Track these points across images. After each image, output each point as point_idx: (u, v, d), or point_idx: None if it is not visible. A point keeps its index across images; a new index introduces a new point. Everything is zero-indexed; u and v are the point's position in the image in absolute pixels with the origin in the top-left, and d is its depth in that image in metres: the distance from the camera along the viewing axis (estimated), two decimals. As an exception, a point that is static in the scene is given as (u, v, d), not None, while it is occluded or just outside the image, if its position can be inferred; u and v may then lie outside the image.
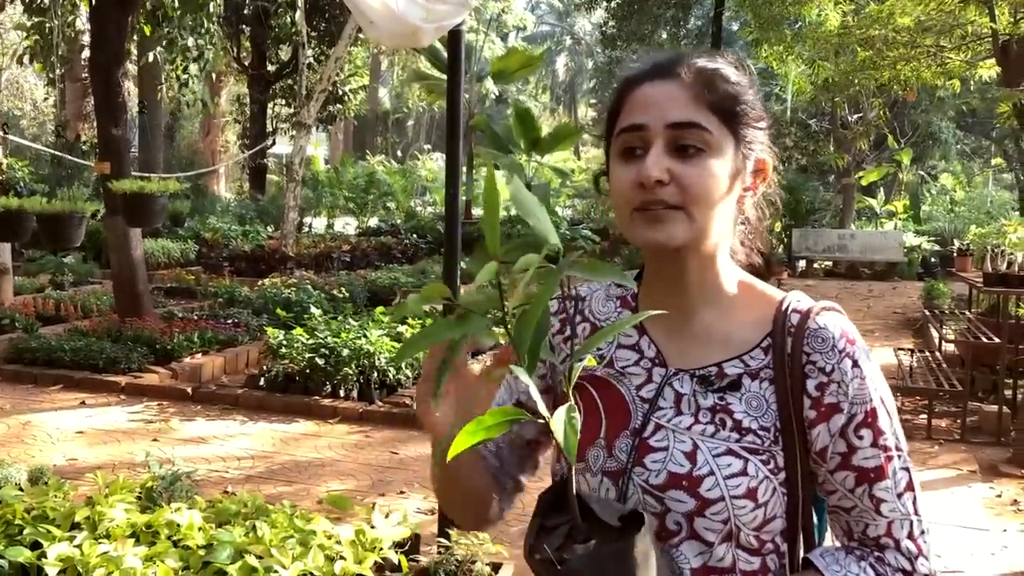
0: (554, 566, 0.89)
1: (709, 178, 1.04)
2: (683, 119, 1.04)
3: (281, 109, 20.93)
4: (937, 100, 18.00)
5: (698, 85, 1.06)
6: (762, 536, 1.06)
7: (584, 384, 1.15)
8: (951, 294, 10.55)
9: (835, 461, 1.07)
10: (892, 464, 1.06)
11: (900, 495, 1.07)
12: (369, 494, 4.72)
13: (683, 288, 1.12)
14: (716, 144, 1.05)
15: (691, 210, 1.04)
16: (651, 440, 1.08)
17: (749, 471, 1.04)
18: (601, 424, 1.12)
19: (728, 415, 1.06)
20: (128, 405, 6.43)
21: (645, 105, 1.06)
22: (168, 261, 13.17)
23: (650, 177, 1.03)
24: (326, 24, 18.36)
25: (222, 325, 8.18)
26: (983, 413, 6.24)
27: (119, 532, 3.27)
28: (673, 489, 1.04)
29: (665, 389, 1.10)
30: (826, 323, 1.07)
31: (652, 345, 1.14)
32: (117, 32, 7.80)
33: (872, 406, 1.06)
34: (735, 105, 1.07)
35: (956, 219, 18.78)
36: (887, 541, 1.07)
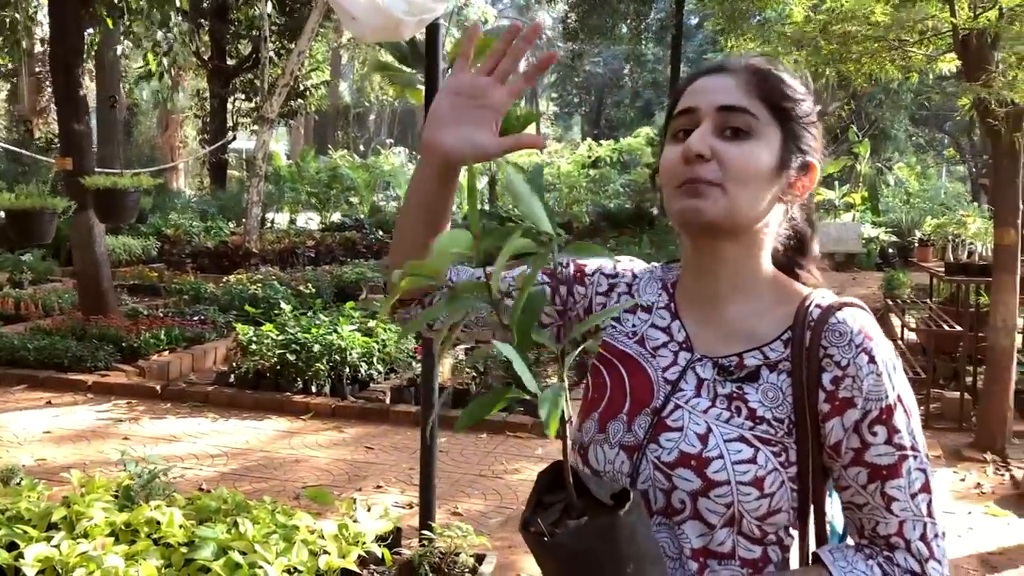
0: (543, 538, 0.92)
1: (749, 159, 1.07)
2: (732, 103, 1.09)
3: (241, 104, 20.70)
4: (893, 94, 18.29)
5: (751, 78, 1.10)
6: (765, 527, 1.07)
7: (614, 361, 1.19)
8: (911, 284, 10.75)
9: (848, 456, 1.07)
10: (907, 464, 1.06)
11: (914, 495, 1.05)
12: (346, 489, 4.71)
13: (717, 277, 1.15)
14: (762, 131, 1.09)
15: (727, 186, 1.07)
16: (668, 419, 1.11)
17: (759, 460, 1.05)
18: (626, 400, 1.15)
19: (743, 403, 1.09)
20: (96, 404, 6.35)
21: (699, 92, 1.12)
22: (130, 258, 12.98)
23: (692, 150, 1.07)
24: (287, 18, 18.21)
25: (189, 322, 8.09)
26: (945, 400, 6.38)
27: (98, 531, 3.24)
28: (681, 467, 1.07)
29: (688, 373, 1.13)
30: (845, 318, 1.09)
31: (682, 330, 1.17)
32: (76, 26, 7.67)
33: (888, 403, 1.06)
34: (784, 100, 1.11)
35: (912, 211, 19.10)
36: (897, 541, 1.06)
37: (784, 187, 1.12)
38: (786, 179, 1.12)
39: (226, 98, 19.49)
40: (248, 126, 19.76)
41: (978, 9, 5.23)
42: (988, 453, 5.48)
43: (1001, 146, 5.37)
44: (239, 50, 20.11)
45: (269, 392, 6.43)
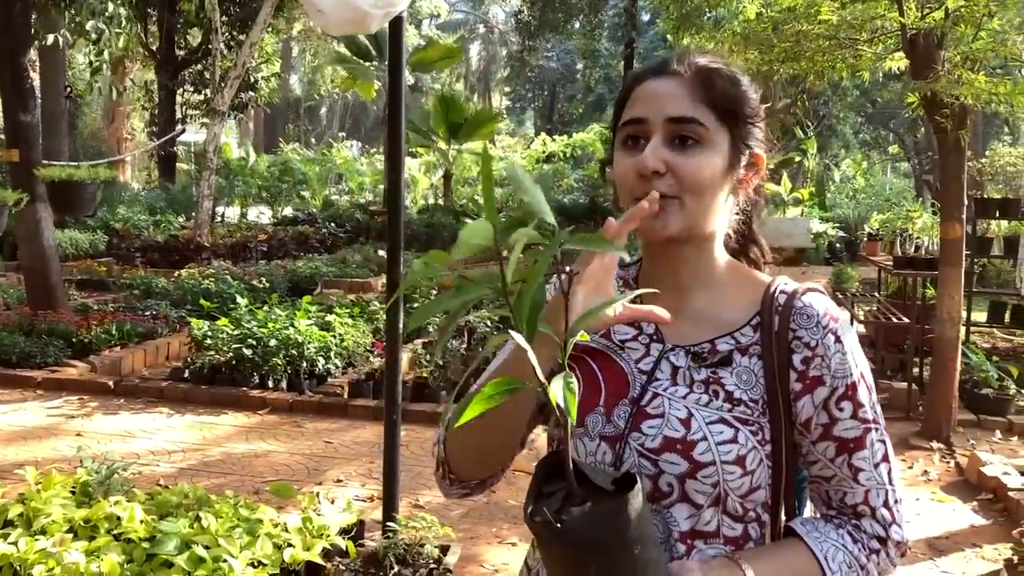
0: (553, 526, 0.94)
1: (703, 170, 1.11)
2: (681, 114, 1.11)
3: (191, 96, 20.37)
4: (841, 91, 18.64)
5: (697, 82, 1.13)
6: (746, 504, 1.12)
7: (582, 356, 1.21)
8: (859, 278, 10.99)
9: (818, 432, 1.14)
10: (870, 435, 1.14)
11: (877, 465, 1.14)
12: (306, 483, 4.70)
13: (678, 272, 1.19)
14: (711, 138, 1.12)
15: (685, 199, 1.11)
16: (648, 407, 1.14)
17: (739, 439, 1.10)
18: (600, 393, 1.18)
19: (720, 387, 1.13)
20: (46, 400, 6.23)
21: (647, 100, 1.14)
22: (77, 252, 12.71)
23: (647, 168, 1.10)
24: (238, 9, 17.95)
25: (140, 317, 7.96)
26: (893, 390, 6.54)
27: (56, 528, 3.20)
28: (668, 452, 1.11)
29: (662, 362, 1.17)
30: (811, 302, 1.15)
31: (651, 323, 1.21)
32: (23, 15, 7.51)
33: (853, 380, 1.13)
34: (731, 103, 1.14)
35: (859, 206, 19.51)
36: (864, 509, 1.14)
37: (734, 184, 1.17)
38: (735, 176, 1.17)
39: (175, 90, 19.15)
40: (198, 119, 19.45)
41: (925, 9, 5.37)
42: (934, 442, 5.63)
43: (947, 143, 5.52)
44: (188, 41, 19.77)
45: (225, 387, 6.37)
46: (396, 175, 3.39)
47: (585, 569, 0.95)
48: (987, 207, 8.00)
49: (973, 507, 4.68)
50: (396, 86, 3.41)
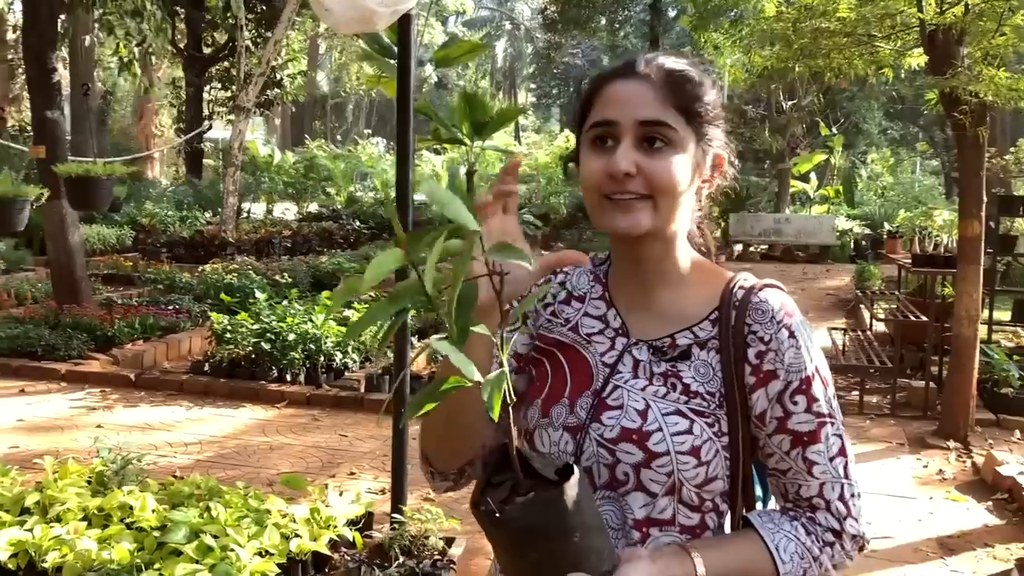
0: (494, 515, 0.98)
1: (673, 171, 1.13)
2: (651, 117, 1.13)
3: (218, 93, 20.57)
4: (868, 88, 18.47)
5: (665, 86, 1.14)
6: (703, 494, 1.15)
7: (552, 350, 1.26)
8: (882, 276, 10.91)
9: (773, 425, 1.16)
10: (825, 430, 1.15)
11: (832, 459, 1.16)
12: (320, 476, 4.76)
13: (644, 268, 1.22)
14: (680, 141, 1.14)
15: (657, 200, 1.14)
16: (609, 399, 1.18)
17: (694, 431, 1.13)
18: (566, 385, 1.22)
19: (678, 379, 1.16)
20: (69, 392, 6.34)
21: (616, 102, 1.15)
22: (104, 247, 12.91)
23: (619, 170, 1.12)
24: (264, 7, 18.09)
25: (163, 311, 8.08)
26: (911, 389, 6.50)
27: (71, 516, 3.28)
28: (624, 442, 1.14)
29: (625, 356, 1.21)
30: (767, 297, 1.17)
31: (618, 317, 1.24)
32: (50, 13, 7.63)
33: (807, 375, 1.15)
34: (697, 105, 1.16)
35: (886, 204, 19.33)
36: (819, 502, 1.16)
37: (700, 183, 1.20)
38: (700, 176, 1.19)
39: (202, 87, 19.35)
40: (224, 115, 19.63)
41: (945, 5, 5.32)
42: (951, 441, 5.59)
43: (966, 139, 5.47)
44: (215, 39, 19.96)
45: (244, 381, 6.45)
46: (404, 172, 3.43)
47: (525, 556, 0.98)
48: (1011, 204, 7.91)
49: (987, 507, 4.65)
50: (405, 83, 3.44)
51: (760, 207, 18.69)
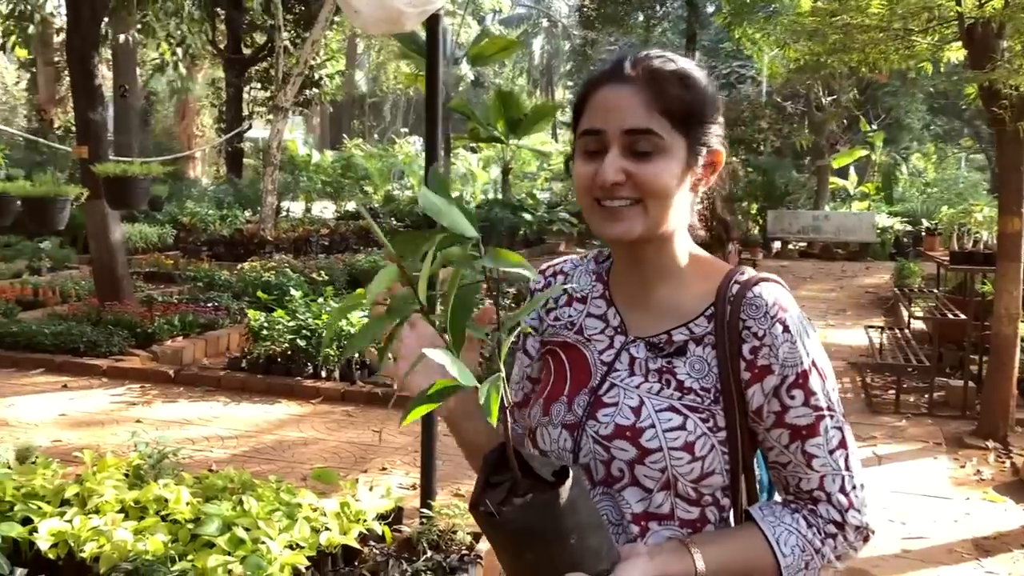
0: (493, 516, 1.00)
1: (662, 177, 1.14)
2: (637, 126, 1.13)
3: (257, 93, 20.83)
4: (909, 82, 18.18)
5: (651, 89, 1.14)
6: (701, 488, 1.15)
7: (557, 350, 1.28)
8: (922, 273, 10.75)
9: (770, 420, 1.16)
10: (824, 423, 1.15)
11: (832, 451, 1.16)
12: (352, 471, 4.81)
13: (642, 267, 1.23)
14: (668, 146, 1.14)
15: (647, 204, 1.15)
16: (604, 397, 1.20)
17: (688, 427, 1.14)
18: (566, 384, 1.24)
19: (672, 376, 1.18)
20: (110, 388, 6.48)
21: (604, 110, 1.16)
22: (146, 246, 13.15)
23: (607, 181, 1.13)
24: (302, 7, 18.27)
25: (202, 308, 8.22)
26: (950, 388, 6.41)
27: (108, 508, 3.35)
28: (618, 439, 1.15)
29: (622, 354, 1.22)
30: (762, 292, 1.17)
31: (617, 315, 1.26)
32: (92, 16, 7.78)
33: (803, 369, 1.15)
34: (685, 107, 1.15)
35: (928, 200, 19.02)
36: (819, 494, 1.16)
37: (694, 181, 1.20)
38: (694, 176, 1.19)
39: (242, 87, 19.61)
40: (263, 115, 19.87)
41: (983, -2, 5.24)
42: (990, 441, 5.50)
43: (1006, 134, 5.37)
44: (255, 39, 20.21)
45: (280, 377, 6.54)
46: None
47: (522, 557, 1.00)
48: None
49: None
50: (433, 83, 3.47)
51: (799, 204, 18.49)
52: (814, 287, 12.85)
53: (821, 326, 9.63)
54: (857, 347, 8.18)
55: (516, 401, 1.36)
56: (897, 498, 4.65)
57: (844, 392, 6.82)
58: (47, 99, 16.46)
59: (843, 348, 8.33)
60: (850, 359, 7.75)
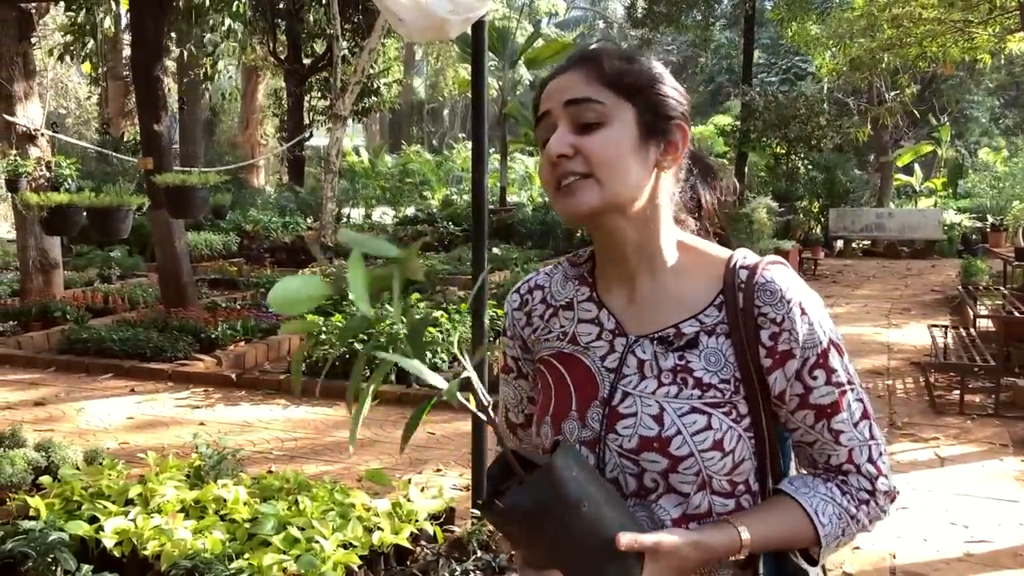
0: (501, 509, 1.00)
1: (610, 145, 1.13)
2: (577, 96, 1.14)
3: (317, 102, 21.18)
4: (975, 75, 17.72)
5: (590, 66, 1.16)
6: (734, 479, 1.15)
7: (552, 361, 1.26)
8: (989, 271, 10.46)
9: (794, 402, 1.16)
10: (846, 397, 1.16)
11: (856, 424, 1.16)
12: (407, 471, 4.88)
13: (625, 258, 1.20)
14: (612, 115, 1.14)
15: (598, 175, 1.13)
16: (620, 407, 1.17)
17: (713, 425, 1.13)
18: (571, 397, 1.21)
19: (689, 374, 1.15)
20: (175, 392, 6.67)
21: (550, 94, 1.18)
22: (211, 253, 13.47)
23: (554, 153, 1.13)
24: (360, 17, 18.53)
25: (264, 314, 8.39)
26: (1017, 388, 6.23)
27: (170, 507, 3.46)
28: (646, 451, 1.13)
29: (628, 357, 1.19)
30: (773, 276, 1.16)
31: (611, 317, 1.22)
32: (155, 30, 8.02)
33: (823, 348, 1.15)
34: (626, 76, 1.15)
35: (999, 195, 18.49)
36: (849, 467, 1.17)
37: (657, 156, 1.17)
38: (655, 148, 1.17)
39: (302, 96, 19.95)
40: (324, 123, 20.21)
41: (1045, -14, 5.11)
42: (1059, 442, 5.35)
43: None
44: (314, 49, 20.56)
45: (338, 380, 6.65)
46: (480, 174, 3.50)
47: (542, 539, 1.00)
48: None
49: (1094, 511, 4.43)
50: (479, 88, 3.51)
51: (862, 202, 18.15)
52: (877, 286, 12.59)
53: (884, 325, 9.44)
54: (921, 347, 7.99)
55: (519, 423, 1.36)
56: (960, 501, 4.54)
57: (907, 392, 6.68)
58: (116, 112, 16.98)
59: (907, 347, 8.16)
60: (913, 358, 7.58)
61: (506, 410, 1.38)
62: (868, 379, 6.99)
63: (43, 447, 4.38)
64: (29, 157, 8.01)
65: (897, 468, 5.00)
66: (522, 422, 1.36)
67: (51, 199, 6.48)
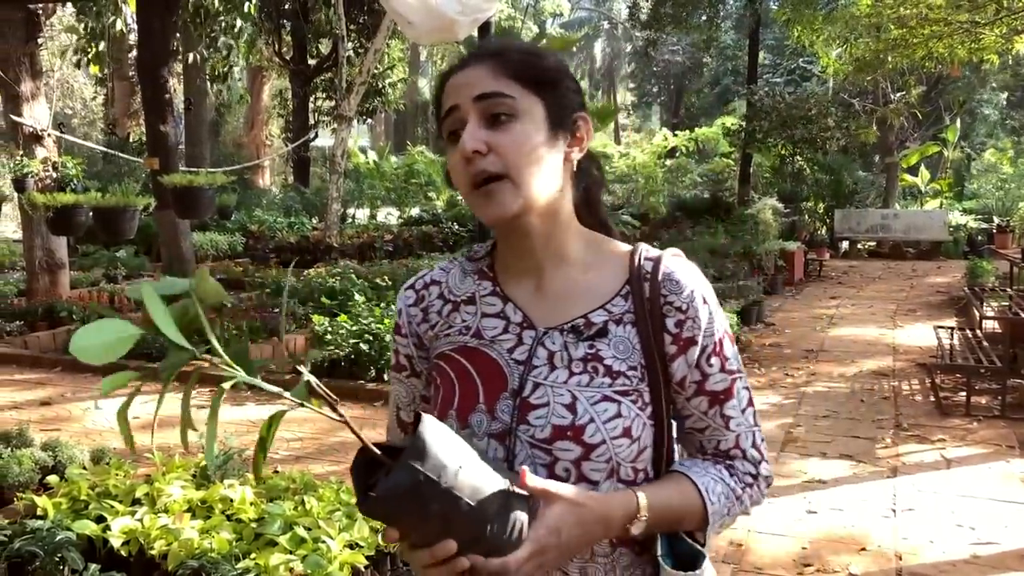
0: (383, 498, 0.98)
1: (523, 141, 1.13)
2: (487, 90, 1.14)
3: (322, 102, 21.21)
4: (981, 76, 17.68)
5: (496, 61, 1.16)
6: (636, 466, 1.16)
7: (453, 355, 1.24)
8: (995, 272, 10.44)
9: (692, 389, 1.20)
10: (736, 385, 1.21)
11: (744, 410, 1.22)
12: (412, 473, 4.88)
13: (532, 251, 1.21)
14: (523, 109, 1.14)
15: (513, 175, 1.13)
16: (531, 398, 1.16)
17: (623, 412, 1.14)
18: (478, 390, 1.20)
19: (599, 362, 1.16)
20: (179, 392, 6.65)
21: (456, 89, 1.16)
22: (216, 253, 13.51)
23: (467, 150, 1.12)
24: (365, 17, 18.56)
25: (269, 314, 8.41)
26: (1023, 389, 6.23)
27: (176, 507, 3.47)
28: (559, 440, 1.13)
29: (537, 349, 1.19)
30: (677, 267, 1.20)
31: (517, 311, 1.22)
32: (162, 31, 8.05)
33: (720, 337, 1.20)
34: (533, 70, 1.16)
35: (1005, 196, 18.44)
36: (736, 452, 1.22)
37: (565, 148, 1.19)
38: (564, 141, 1.19)
39: (307, 97, 19.98)
40: (329, 124, 20.24)
41: (1052, -13, 5.10)
42: (1065, 444, 5.34)
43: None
44: (319, 50, 20.59)
45: (343, 380, 6.66)
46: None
47: (428, 509, 0.98)
48: None
49: (1102, 513, 4.42)
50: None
51: (868, 203, 18.11)
52: (883, 287, 12.57)
53: (890, 326, 9.43)
54: (927, 348, 7.98)
55: (410, 421, 1.33)
56: (967, 502, 4.54)
57: (913, 394, 6.67)
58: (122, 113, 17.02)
59: (912, 349, 8.14)
60: (919, 360, 7.57)
61: (397, 409, 1.36)
62: (873, 380, 6.98)
63: (50, 447, 4.40)
64: (35, 157, 8.04)
65: (903, 470, 5.00)
66: (413, 420, 1.32)
67: (57, 199, 6.50)
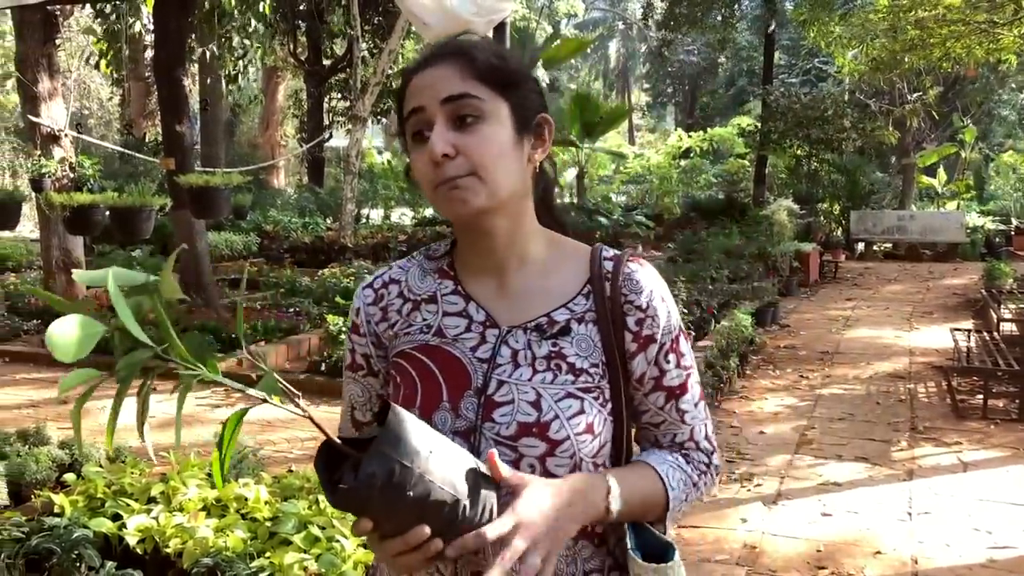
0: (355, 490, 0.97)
1: (490, 143, 1.14)
2: (454, 92, 1.13)
3: (337, 103, 21.26)
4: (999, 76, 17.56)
5: (463, 61, 1.15)
6: (597, 461, 1.17)
7: (415, 354, 1.24)
8: (1013, 274, 10.36)
9: (650, 385, 1.23)
10: (690, 379, 1.25)
11: (696, 404, 1.26)
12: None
13: (494, 250, 1.22)
14: (490, 110, 1.14)
15: (481, 175, 1.13)
16: (496, 396, 1.17)
17: (586, 409, 1.16)
18: (442, 388, 1.20)
19: (563, 360, 1.18)
20: (196, 391, 6.67)
21: (422, 89, 1.16)
22: (231, 253, 13.57)
23: (436, 153, 1.12)
24: (380, 18, 18.60)
25: (284, 314, 8.44)
26: (1042, 393, 6.17)
27: (192, 506, 3.49)
28: (525, 437, 1.14)
29: (501, 347, 1.20)
30: (636, 268, 1.23)
31: (480, 310, 1.23)
32: (178, 32, 8.09)
33: (676, 334, 1.24)
34: (499, 72, 1.16)
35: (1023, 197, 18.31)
36: (690, 444, 1.27)
37: (528, 150, 1.20)
38: (528, 142, 1.20)
39: (322, 97, 20.03)
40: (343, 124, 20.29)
41: (1072, -13, 5.06)
42: (1084, 447, 5.29)
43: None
44: (334, 50, 20.63)
45: (356, 380, 6.67)
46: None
47: (403, 496, 0.98)
48: None
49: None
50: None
51: (884, 204, 18.01)
52: (899, 289, 12.50)
53: (906, 329, 9.38)
54: (943, 350, 7.93)
55: (365, 421, 1.34)
56: (983, 506, 4.50)
57: (929, 397, 6.63)
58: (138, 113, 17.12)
59: (929, 351, 8.09)
60: (936, 362, 7.52)
61: (352, 408, 1.35)
62: (889, 383, 6.94)
63: (67, 445, 4.43)
64: (53, 157, 8.10)
65: (919, 473, 4.97)
66: (369, 420, 1.34)
67: (74, 199, 6.55)
